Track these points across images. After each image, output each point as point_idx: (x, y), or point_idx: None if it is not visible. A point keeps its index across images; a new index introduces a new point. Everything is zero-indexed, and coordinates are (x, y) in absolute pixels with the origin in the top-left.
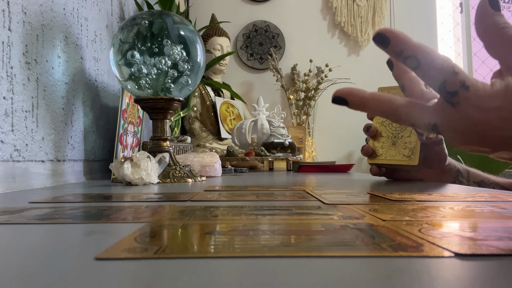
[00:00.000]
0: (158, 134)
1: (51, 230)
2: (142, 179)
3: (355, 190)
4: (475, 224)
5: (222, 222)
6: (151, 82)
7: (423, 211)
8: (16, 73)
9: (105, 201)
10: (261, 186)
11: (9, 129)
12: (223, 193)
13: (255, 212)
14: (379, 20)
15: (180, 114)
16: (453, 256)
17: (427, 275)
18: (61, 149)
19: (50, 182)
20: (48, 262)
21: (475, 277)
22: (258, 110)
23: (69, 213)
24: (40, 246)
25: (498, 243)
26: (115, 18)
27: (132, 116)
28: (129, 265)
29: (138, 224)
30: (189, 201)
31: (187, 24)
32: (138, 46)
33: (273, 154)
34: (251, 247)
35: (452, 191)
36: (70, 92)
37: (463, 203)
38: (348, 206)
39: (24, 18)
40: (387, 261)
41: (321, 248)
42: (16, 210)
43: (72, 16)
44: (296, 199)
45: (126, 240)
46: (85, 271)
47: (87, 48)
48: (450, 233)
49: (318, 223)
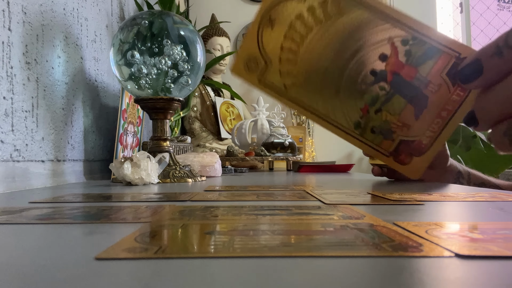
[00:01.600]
0: (158, 134)
1: (51, 230)
2: (142, 179)
3: (355, 190)
4: (475, 224)
5: (222, 222)
6: (151, 82)
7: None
8: (16, 73)
9: (105, 201)
10: (261, 186)
11: (9, 129)
12: (223, 193)
13: (255, 212)
14: None
15: (180, 114)
16: (453, 256)
17: (427, 275)
18: (61, 149)
19: (50, 182)
20: (48, 262)
21: (476, 278)
22: (258, 110)
23: (69, 213)
24: (40, 246)
25: (498, 244)
26: (115, 18)
27: (132, 116)
28: (129, 265)
29: (138, 224)
30: (189, 201)
31: (187, 24)
32: (138, 46)
33: (273, 154)
34: (251, 247)
35: (452, 191)
36: (70, 92)
37: (463, 203)
38: (348, 206)
39: (24, 18)
40: (387, 261)
41: (321, 248)
42: (16, 210)
43: (72, 16)
44: (296, 199)
45: (126, 240)
46: (85, 271)
47: (87, 48)
48: (450, 233)
49: (318, 223)
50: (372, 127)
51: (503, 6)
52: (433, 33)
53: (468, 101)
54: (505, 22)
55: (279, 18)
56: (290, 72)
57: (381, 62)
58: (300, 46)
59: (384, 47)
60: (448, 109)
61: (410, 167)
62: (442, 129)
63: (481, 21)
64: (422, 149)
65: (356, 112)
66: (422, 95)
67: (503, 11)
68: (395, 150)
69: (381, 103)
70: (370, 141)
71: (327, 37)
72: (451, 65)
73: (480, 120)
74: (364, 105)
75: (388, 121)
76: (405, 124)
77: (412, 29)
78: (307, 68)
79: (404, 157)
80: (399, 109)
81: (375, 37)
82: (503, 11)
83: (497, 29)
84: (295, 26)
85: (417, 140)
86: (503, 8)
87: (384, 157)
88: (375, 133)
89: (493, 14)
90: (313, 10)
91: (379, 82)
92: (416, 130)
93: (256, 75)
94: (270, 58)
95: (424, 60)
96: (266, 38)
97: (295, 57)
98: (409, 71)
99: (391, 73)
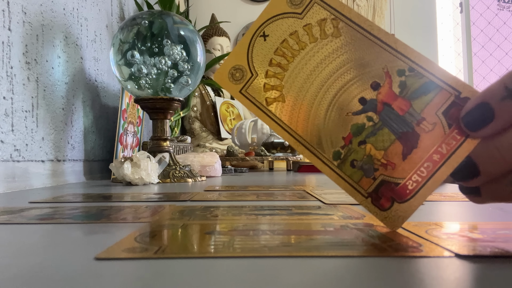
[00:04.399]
0: (158, 134)
1: (51, 230)
2: (142, 179)
3: None
4: (475, 224)
5: (222, 222)
6: (151, 82)
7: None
8: (16, 73)
9: (105, 201)
10: (261, 186)
11: (9, 129)
12: (223, 193)
13: (255, 212)
14: (379, 20)
15: (180, 114)
16: (453, 257)
17: (427, 275)
18: (61, 149)
19: (50, 182)
20: (48, 262)
21: (476, 278)
22: None
23: (69, 213)
24: (40, 246)
25: (498, 244)
26: (115, 18)
27: (132, 116)
28: (129, 265)
29: (138, 224)
30: (189, 201)
31: (187, 24)
32: (138, 46)
33: (273, 154)
34: (251, 247)
35: (452, 191)
36: (70, 92)
37: (463, 203)
38: (348, 206)
39: (24, 18)
40: (387, 261)
41: (321, 248)
42: (16, 210)
43: (72, 16)
44: (296, 199)
45: (126, 240)
46: (85, 271)
47: (87, 48)
48: (450, 233)
49: (318, 223)
50: (352, 160)
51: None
52: (433, 67)
53: (465, 146)
54: (505, 22)
55: (274, 33)
56: (275, 87)
57: (373, 90)
58: (290, 63)
59: (377, 75)
60: (441, 153)
61: (389, 213)
62: (432, 175)
63: (481, 21)
64: (406, 195)
65: (337, 141)
66: (413, 133)
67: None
68: (374, 190)
69: (367, 134)
70: (348, 176)
71: (319, 57)
72: (449, 104)
73: (483, 169)
74: (347, 133)
75: (372, 156)
76: (390, 163)
77: (410, 60)
78: (293, 86)
79: (384, 201)
80: (386, 145)
81: (370, 63)
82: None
83: (497, 29)
84: (288, 43)
85: (401, 184)
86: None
87: (361, 197)
88: (355, 167)
89: (493, 14)
90: (310, 28)
91: (367, 111)
92: (402, 171)
93: (238, 86)
94: (257, 71)
95: (419, 94)
96: (256, 51)
97: (283, 73)
98: (401, 104)
99: (381, 103)
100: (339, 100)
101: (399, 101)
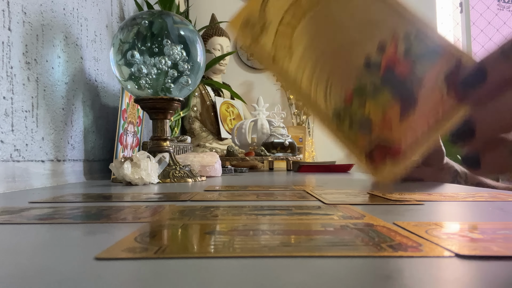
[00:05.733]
0: (158, 134)
1: (51, 230)
2: (142, 179)
3: (355, 190)
4: (475, 224)
5: (222, 222)
6: (151, 82)
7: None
8: (16, 73)
9: (105, 201)
10: (261, 186)
11: (9, 129)
12: (223, 193)
13: (255, 212)
14: None
15: (180, 114)
16: (453, 256)
17: (427, 275)
18: (61, 149)
19: (50, 182)
20: (48, 262)
21: (476, 278)
22: (258, 110)
23: (69, 213)
24: (40, 246)
25: (498, 244)
26: (115, 18)
27: (132, 116)
28: (129, 265)
29: (138, 224)
30: (189, 201)
31: (187, 24)
32: (138, 46)
33: (273, 154)
34: (251, 247)
35: (452, 191)
36: (70, 92)
37: (463, 203)
38: (348, 206)
39: (24, 18)
40: (387, 261)
41: (321, 248)
42: (16, 210)
43: (72, 16)
44: (296, 199)
45: (126, 240)
46: (85, 271)
47: (87, 48)
48: (450, 233)
49: (318, 223)
50: (351, 119)
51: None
52: (436, 34)
53: (461, 109)
54: (505, 22)
55: None
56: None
57: (378, 51)
58: (302, 20)
59: (384, 37)
60: (437, 116)
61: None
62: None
63: (481, 21)
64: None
65: (339, 99)
66: (412, 96)
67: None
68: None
69: (367, 95)
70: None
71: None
72: (449, 70)
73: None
74: (350, 92)
75: (370, 117)
76: (387, 124)
77: (416, 25)
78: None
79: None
80: (385, 107)
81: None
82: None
83: (497, 29)
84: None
85: (396, 144)
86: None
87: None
88: (353, 127)
89: (493, 14)
90: None
91: (371, 71)
92: (398, 132)
93: (249, 37)
94: (267, 27)
95: (422, 60)
96: (269, 6)
97: (292, 32)
98: (403, 68)
99: (385, 65)
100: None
101: (402, 65)
